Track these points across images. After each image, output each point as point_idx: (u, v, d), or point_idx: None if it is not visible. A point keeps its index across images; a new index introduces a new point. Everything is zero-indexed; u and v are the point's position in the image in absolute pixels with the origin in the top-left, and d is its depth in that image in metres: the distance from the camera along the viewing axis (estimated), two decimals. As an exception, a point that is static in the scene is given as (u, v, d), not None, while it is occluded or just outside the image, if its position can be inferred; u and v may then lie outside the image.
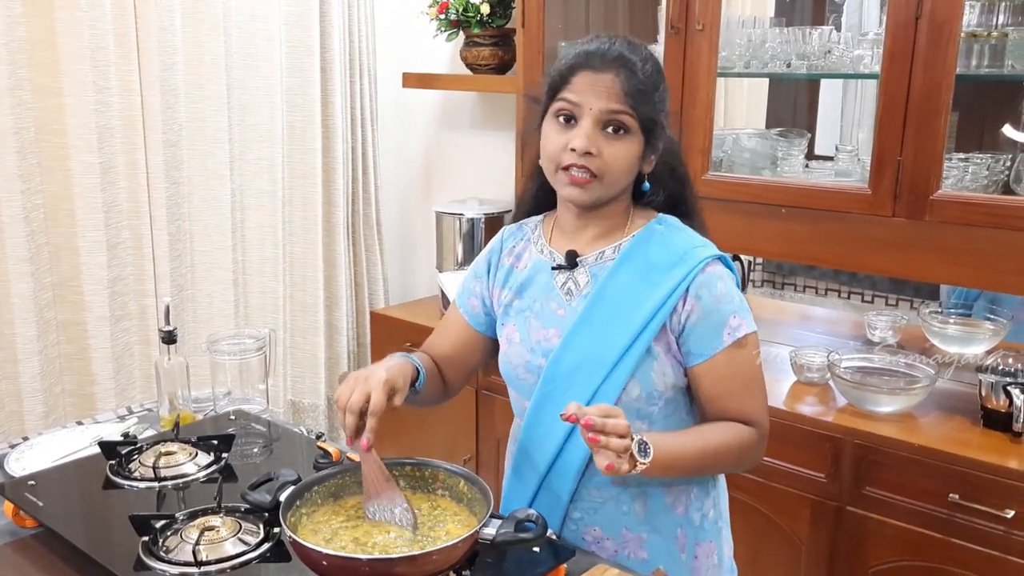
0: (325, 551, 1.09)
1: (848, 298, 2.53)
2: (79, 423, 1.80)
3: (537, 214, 1.49)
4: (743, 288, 1.38)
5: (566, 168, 1.28)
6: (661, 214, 1.39)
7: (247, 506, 1.26)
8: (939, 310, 2.29)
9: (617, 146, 1.27)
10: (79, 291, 2.52)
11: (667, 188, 1.39)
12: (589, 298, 1.34)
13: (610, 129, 1.27)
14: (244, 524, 1.26)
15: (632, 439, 1.16)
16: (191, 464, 1.46)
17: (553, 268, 1.38)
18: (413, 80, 3.03)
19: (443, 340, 1.52)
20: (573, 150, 1.26)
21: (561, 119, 1.29)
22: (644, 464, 1.17)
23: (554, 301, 1.37)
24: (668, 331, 1.31)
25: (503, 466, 1.52)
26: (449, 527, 1.21)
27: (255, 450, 1.59)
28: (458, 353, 1.50)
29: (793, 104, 2.58)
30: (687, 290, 1.29)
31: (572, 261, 1.37)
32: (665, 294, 1.30)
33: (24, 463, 1.54)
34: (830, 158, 2.31)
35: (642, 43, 1.33)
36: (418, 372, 1.36)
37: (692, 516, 1.38)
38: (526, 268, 1.43)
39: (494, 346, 1.49)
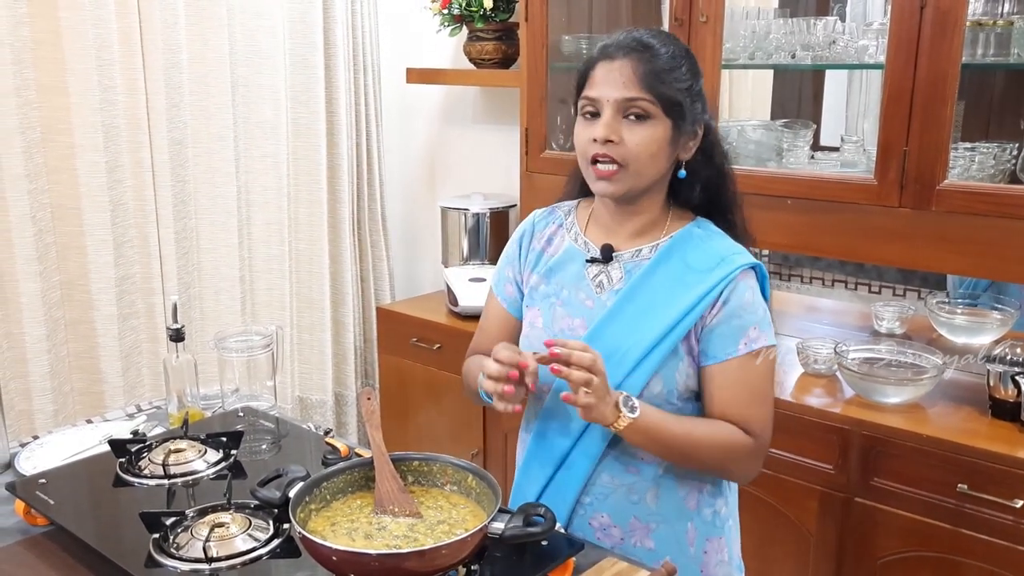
0: (335, 546, 1.09)
1: (855, 289, 2.52)
2: (88, 421, 1.81)
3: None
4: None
5: (594, 162, 1.30)
6: (700, 218, 1.40)
7: (257, 502, 1.27)
8: (946, 300, 2.29)
9: (639, 132, 1.27)
10: (87, 290, 2.53)
11: (702, 177, 1.37)
12: (621, 293, 1.35)
13: (632, 116, 1.28)
14: (254, 520, 1.26)
15: (611, 390, 1.24)
16: (200, 461, 1.47)
17: (587, 261, 1.39)
18: (416, 76, 3.03)
19: (488, 338, 1.50)
20: (596, 140, 1.28)
21: (587, 115, 1.31)
22: (628, 419, 1.24)
23: (583, 292, 1.38)
24: (694, 333, 1.32)
25: (511, 459, 1.52)
26: (458, 522, 1.22)
27: (264, 447, 1.60)
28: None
29: (798, 95, 2.57)
30: (719, 295, 1.30)
31: (607, 255, 1.37)
32: (698, 296, 1.31)
33: (35, 462, 1.54)
34: (835, 149, 2.30)
35: (667, 31, 1.34)
36: None
37: (704, 511, 1.39)
38: (557, 253, 1.43)
39: None
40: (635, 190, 1.32)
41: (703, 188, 1.38)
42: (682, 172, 1.35)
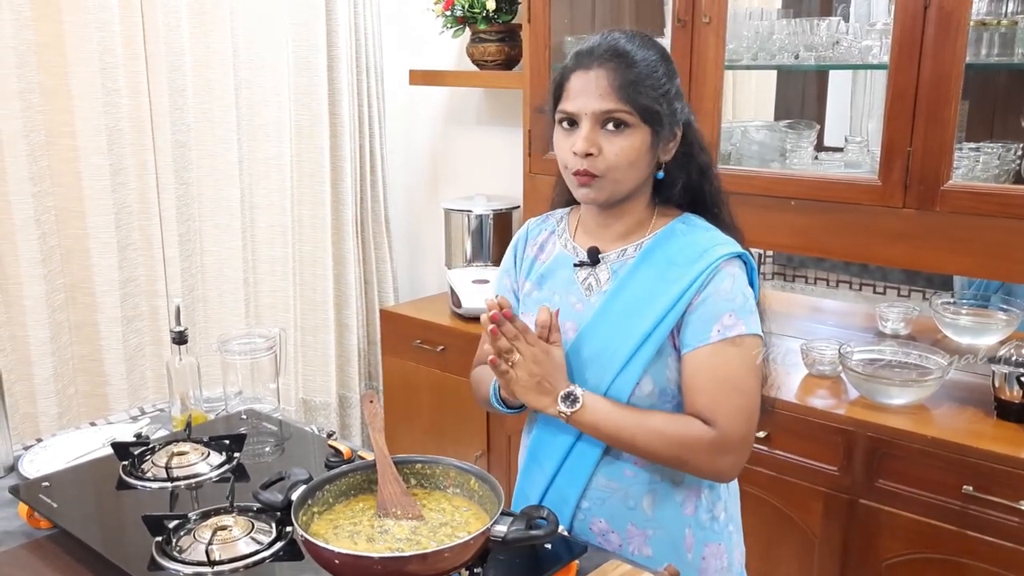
0: (337, 550, 1.09)
1: (860, 290, 2.51)
2: (92, 424, 1.81)
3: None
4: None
5: (576, 172, 1.30)
6: (686, 213, 1.39)
7: (259, 505, 1.27)
8: (951, 301, 2.28)
9: (617, 142, 1.27)
10: (91, 293, 2.54)
11: (683, 176, 1.37)
12: (608, 293, 1.34)
13: (610, 126, 1.27)
14: (256, 523, 1.26)
15: (564, 381, 1.30)
16: (203, 464, 1.47)
17: (575, 265, 1.39)
18: (419, 77, 3.03)
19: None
20: (576, 154, 1.28)
21: (565, 124, 1.31)
22: (564, 413, 1.29)
23: (573, 295, 1.38)
24: (678, 328, 1.31)
25: (516, 461, 1.51)
26: (460, 525, 1.21)
27: (267, 449, 1.60)
28: None
29: (802, 96, 2.56)
30: (701, 286, 1.29)
31: (594, 258, 1.37)
32: (681, 290, 1.30)
33: (38, 464, 1.55)
34: (839, 149, 2.30)
35: (643, 33, 1.33)
36: None
37: (701, 517, 1.38)
38: (548, 259, 1.44)
39: None
40: (616, 196, 1.32)
41: (685, 186, 1.38)
42: (659, 174, 1.35)
